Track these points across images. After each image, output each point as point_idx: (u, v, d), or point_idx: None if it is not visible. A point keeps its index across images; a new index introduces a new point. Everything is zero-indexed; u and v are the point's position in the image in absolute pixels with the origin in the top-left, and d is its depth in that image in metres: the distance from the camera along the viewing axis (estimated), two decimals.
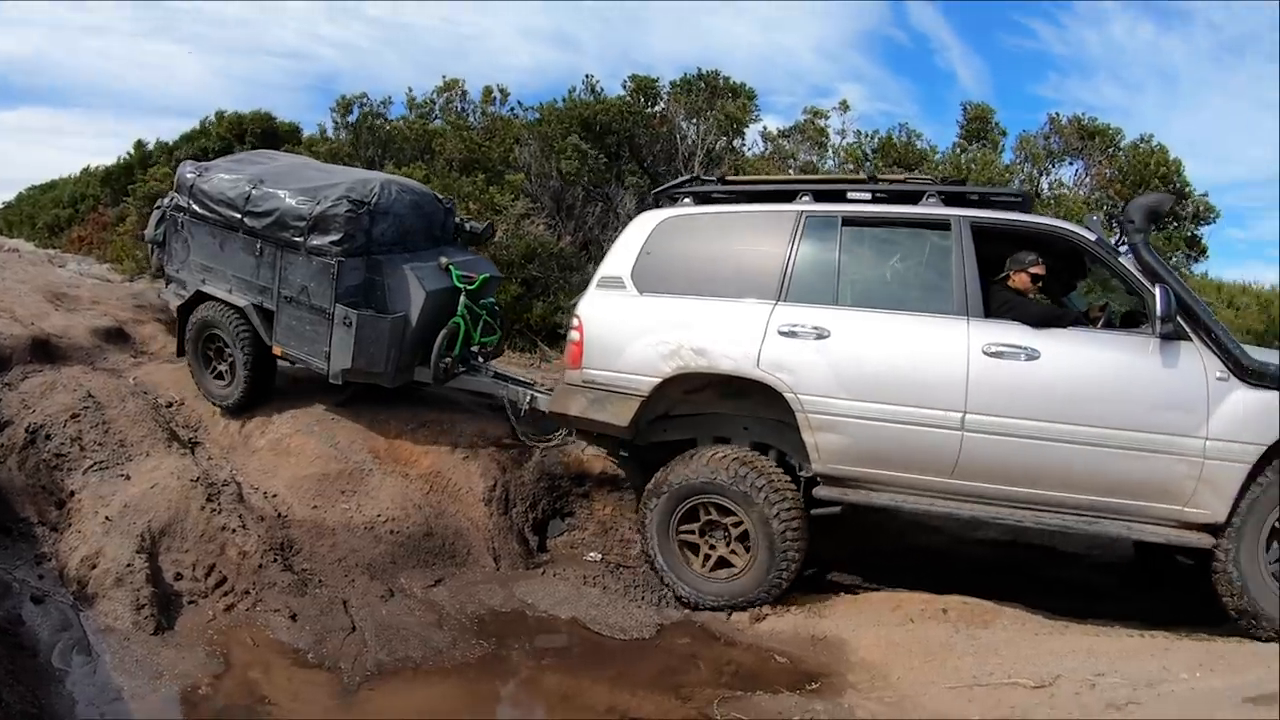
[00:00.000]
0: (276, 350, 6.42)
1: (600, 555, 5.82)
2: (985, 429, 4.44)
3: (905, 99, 38.60)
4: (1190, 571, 5.18)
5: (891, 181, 5.29)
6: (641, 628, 4.79)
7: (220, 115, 15.19)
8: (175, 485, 5.20)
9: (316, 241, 6.08)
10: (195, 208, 6.82)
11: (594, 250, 11.50)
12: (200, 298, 6.77)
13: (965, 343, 4.49)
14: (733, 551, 5.01)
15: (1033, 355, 4.41)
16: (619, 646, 4.61)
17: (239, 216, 6.48)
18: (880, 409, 4.58)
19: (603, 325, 5.19)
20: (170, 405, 6.63)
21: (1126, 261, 4.61)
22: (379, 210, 6.26)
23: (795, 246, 4.91)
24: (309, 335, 6.22)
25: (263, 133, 14.36)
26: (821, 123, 12.98)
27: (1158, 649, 4.18)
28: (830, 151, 12.56)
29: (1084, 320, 4.91)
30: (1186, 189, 11.78)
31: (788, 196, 5.19)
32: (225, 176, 6.74)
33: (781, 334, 4.75)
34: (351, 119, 12.60)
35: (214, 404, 6.72)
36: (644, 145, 12.80)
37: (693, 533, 5.07)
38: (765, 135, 13.43)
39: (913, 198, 4.98)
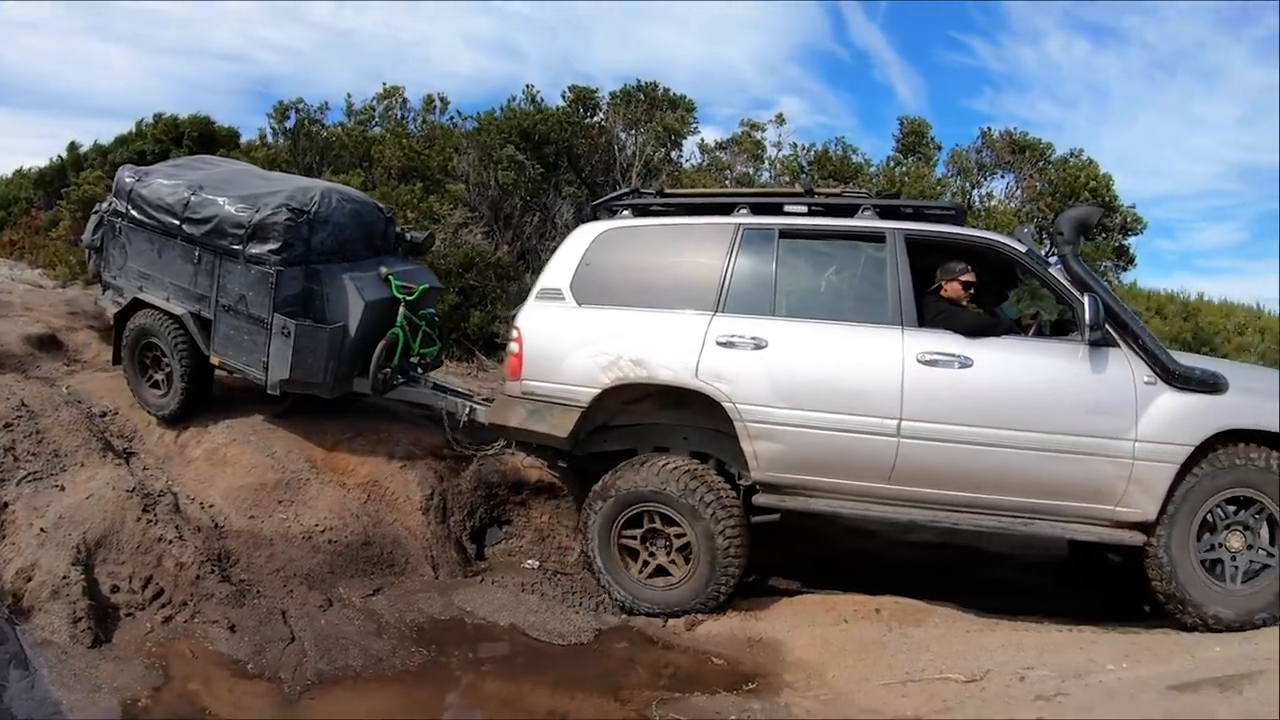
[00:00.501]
0: (214, 360, 6.44)
1: (538, 562, 5.98)
2: (921, 435, 4.68)
3: (844, 112, 40.21)
4: (1120, 568, 5.57)
5: (828, 195, 5.53)
6: (580, 633, 4.97)
7: (157, 118, 15.04)
8: (111, 496, 5.24)
9: (255, 250, 6.09)
10: (134, 213, 6.81)
11: (531, 260, 11.73)
12: (137, 305, 6.77)
13: (900, 351, 4.73)
14: (672, 561, 5.20)
15: (966, 363, 4.68)
16: (558, 652, 4.78)
17: (177, 223, 6.47)
18: (817, 417, 4.79)
19: (542, 337, 5.34)
20: (105, 414, 6.66)
21: (1056, 272, 4.91)
22: (319, 219, 6.30)
23: (733, 258, 5.12)
24: (247, 345, 6.23)
25: (200, 136, 14.26)
26: (758, 135, 13.42)
27: (1085, 642, 4.49)
28: (766, 164, 13.00)
29: (1016, 329, 5.21)
30: (1115, 201, 12.33)
31: (726, 209, 5.41)
32: (164, 182, 6.74)
33: (720, 344, 4.94)
34: (289, 125, 12.70)
35: (150, 413, 6.73)
36: (582, 156, 13.06)
37: (635, 539, 5.25)
38: (703, 147, 13.87)
39: (849, 211, 5.22)
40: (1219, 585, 4.59)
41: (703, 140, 13.90)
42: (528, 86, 13.63)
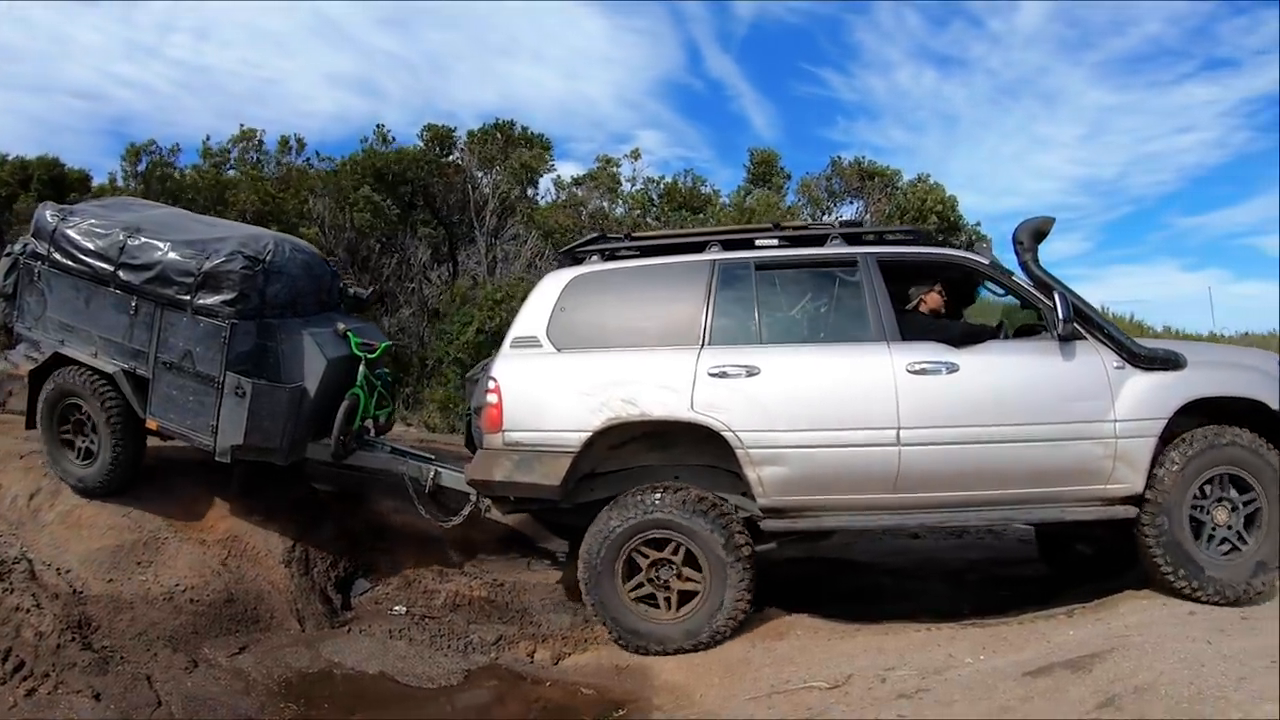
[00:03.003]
0: (151, 424, 6.48)
1: (405, 608, 6.49)
2: (919, 441, 5.34)
3: (701, 144, 42.74)
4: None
5: (795, 228, 6.24)
6: (449, 675, 5.63)
7: (2, 160, 15.36)
8: None
9: (206, 300, 6.23)
10: (57, 256, 6.82)
11: (390, 303, 12.56)
12: (58, 361, 6.73)
13: (890, 364, 5.42)
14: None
15: (953, 368, 5.41)
16: (428, 695, 5.41)
17: (111, 269, 6.52)
18: (819, 436, 5.39)
19: (522, 386, 5.77)
20: None
21: (1020, 279, 5.74)
22: (273, 269, 6.47)
23: (712, 293, 5.74)
24: (192, 406, 6.30)
25: (50, 180, 14.65)
26: (613, 170, 14.31)
27: (944, 639, 5.27)
28: (621, 198, 13.83)
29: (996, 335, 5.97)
30: (960, 221, 13.71)
31: (697, 248, 6.04)
32: (96, 223, 6.78)
33: (712, 375, 5.50)
34: (141, 168, 13.08)
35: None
36: (438, 195, 13.85)
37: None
38: (558, 183, 14.71)
39: (818, 240, 5.96)
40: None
41: (558, 176, 14.88)
42: (379, 126, 14.49)
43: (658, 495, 5.62)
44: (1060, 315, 5.41)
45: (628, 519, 5.60)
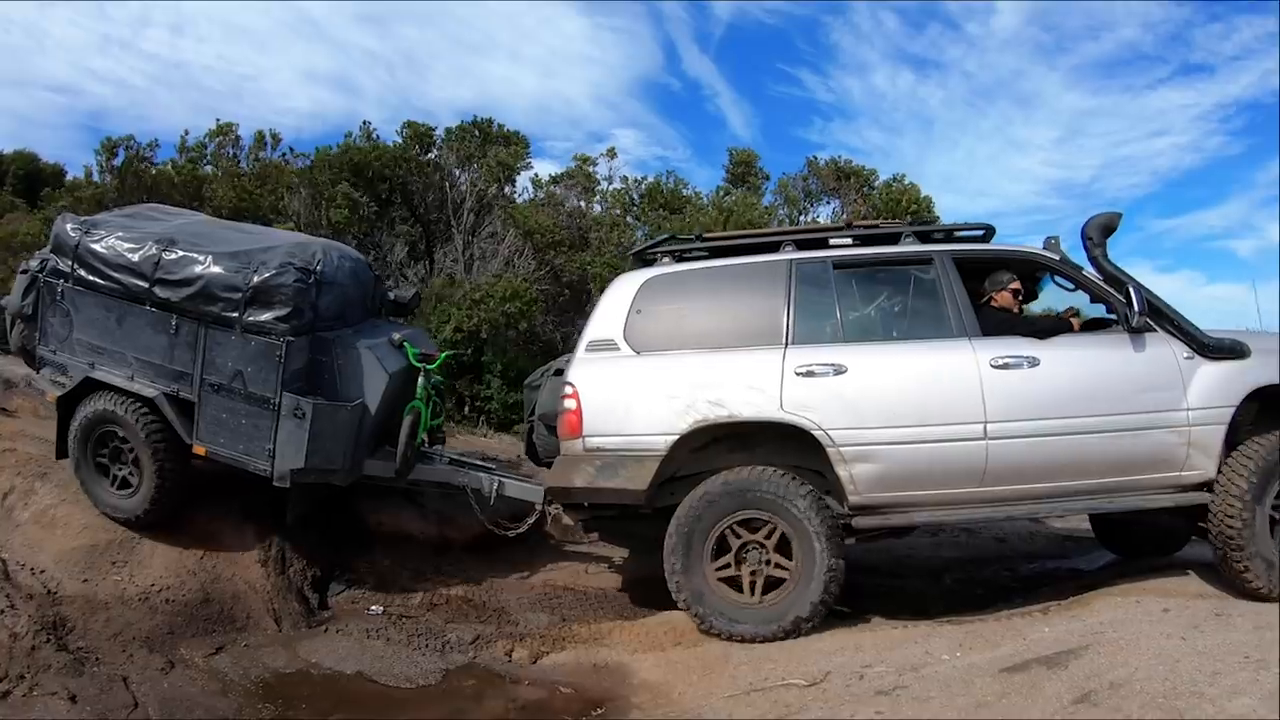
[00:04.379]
0: (199, 450, 6.17)
1: (382, 608, 6.48)
2: (1006, 434, 5.41)
3: (679, 144, 43.45)
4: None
5: (867, 227, 6.26)
6: (427, 675, 5.61)
7: None
8: None
9: (257, 317, 5.92)
10: (82, 273, 6.40)
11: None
12: (90, 386, 6.38)
13: (974, 359, 5.49)
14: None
15: (1034, 362, 5.49)
16: (406, 695, 5.38)
17: (145, 286, 6.13)
18: (909, 432, 5.45)
19: (602, 389, 5.75)
20: None
21: (1090, 273, 5.83)
22: (324, 280, 6.16)
23: (792, 293, 5.76)
24: (245, 430, 6.02)
25: (25, 174, 14.59)
26: (590, 169, 14.41)
27: (920, 636, 5.31)
28: (598, 196, 13.95)
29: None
30: (936, 221, 13.68)
31: (771, 248, 6.05)
32: (124, 236, 6.35)
33: (799, 374, 5.52)
34: (117, 162, 12.91)
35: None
36: (416, 193, 13.82)
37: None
38: (535, 182, 14.78)
39: (889, 239, 6.02)
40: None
41: (535, 175, 14.95)
42: (364, 123, 14.58)
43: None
44: (1136, 308, 5.50)
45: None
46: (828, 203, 14.73)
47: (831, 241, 6.09)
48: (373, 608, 6.54)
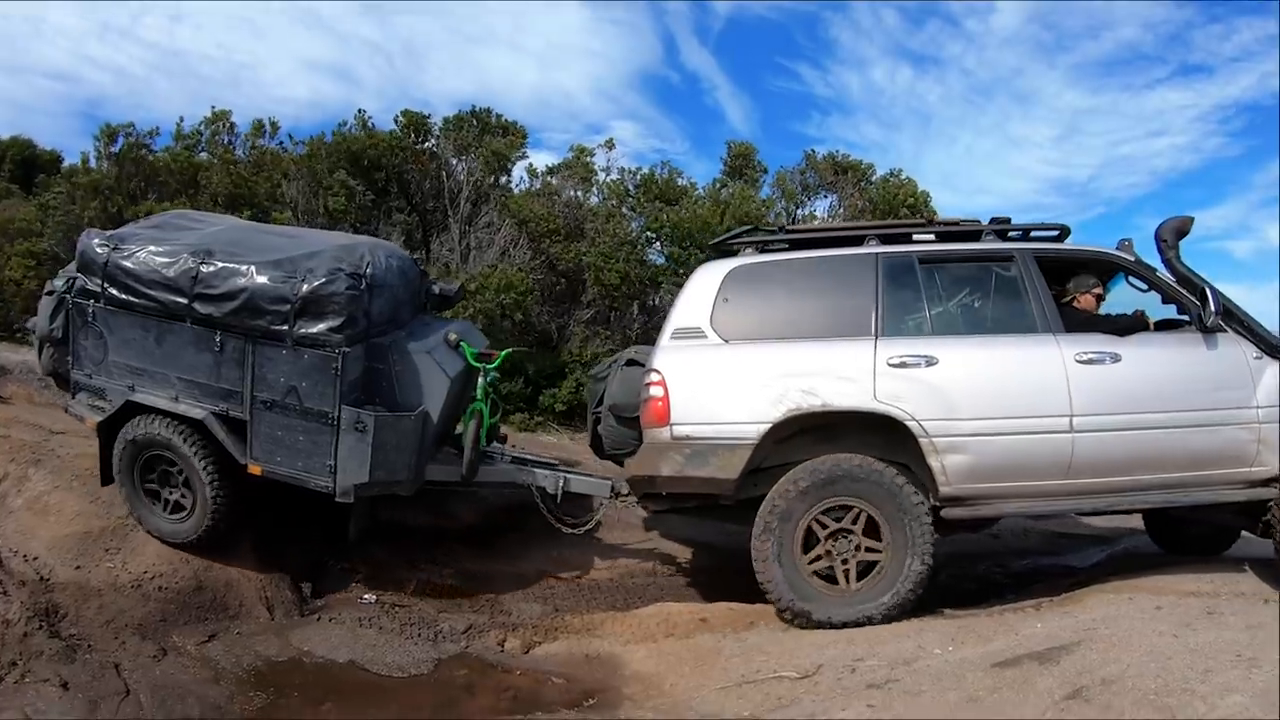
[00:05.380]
0: (254, 469, 5.94)
1: (375, 596, 6.45)
2: (1090, 428, 5.48)
3: (677, 136, 43.53)
4: None
5: (947, 223, 6.30)
6: (419, 664, 5.60)
7: None
8: None
9: (309, 329, 5.65)
10: (114, 292, 6.03)
11: None
12: (131, 409, 6.09)
13: (1059, 354, 5.56)
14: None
15: (1116, 358, 5.57)
16: (398, 684, 5.39)
17: (185, 302, 5.81)
18: (1000, 424, 5.50)
19: (690, 377, 5.72)
20: None
21: (1164, 274, 5.90)
22: (376, 284, 5.89)
23: (880, 285, 5.78)
24: (303, 446, 5.80)
25: (22, 160, 14.53)
26: (587, 160, 14.25)
27: (912, 630, 5.31)
28: (595, 188, 13.89)
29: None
30: (933, 217, 13.68)
31: (851, 242, 6.08)
32: (156, 250, 5.98)
33: (892, 366, 5.54)
34: (115, 149, 12.77)
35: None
36: (412, 182, 13.73)
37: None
38: (531, 172, 14.65)
39: (970, 236, 6.10)
40: None
41: (531, 165, 14.81)
42: (360, 111, 14.32)
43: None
44: (1212, 309, 5.58)
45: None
46: (825, 196, 14.68)
47: (914, 236, 6.16)
48: (365, 596, 6.51)
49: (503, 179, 14.10)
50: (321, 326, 5.65)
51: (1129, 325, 5.86)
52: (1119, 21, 39.64)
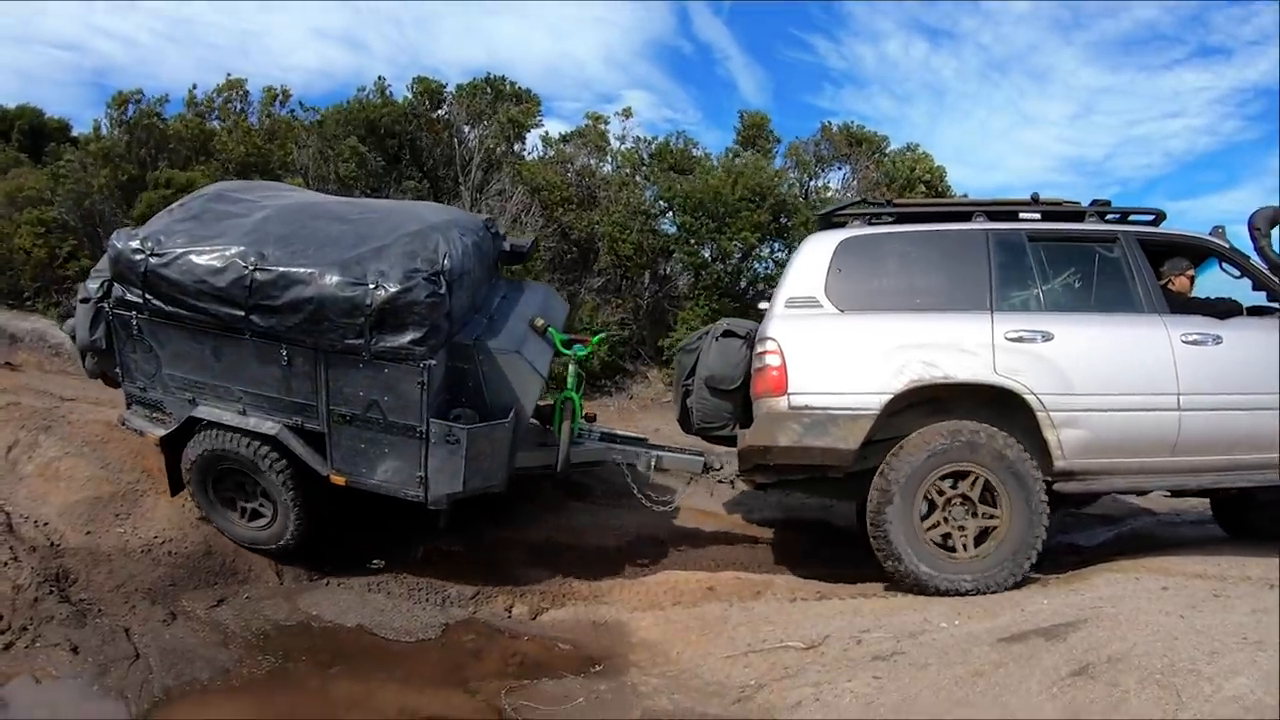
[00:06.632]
0: (337, 479, 5.63)
1: (384, 562, 6.44)
2: (1195, 407, 5.56)
3: (689, 106, 43.23)
4: None
5: (1051, 203, 6.29)
6: (427, 629, 5.63)
7: None
8: None
9: (389, 343, 5.20)
10: (158, 304, 5.47)
11: None
12: (194, 423, 5.73)
13: (1166, 335, 5.63)
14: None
15: (1218, 340, 5.65)
16: (406, 649, 5.40)
17: (242, 314, 5.30)
18: (1114, 400, 5.56)
19: (808, 347, 5.71)
20: None
21: (1256, 263, 6.00)
22: (454, 276, 5.37)
23: (991, 261, 5.83)
24: (389, 459, 5.51)
25: (30, 129, 14.49)
26: (602, 128, 14.26)
27: (919, 604, 5.33)
28: (609, 156, 13.82)
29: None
30: (948, 192, 13.71)
31: (959, 217, 6.12)
32: (199, 254, 5.36)
33: (1009, 339, 5.58)
34: (128, 116, 12.70)
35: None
36: (425, 149, 13.66)
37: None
38: (545, 140, 14.62)
39: (1073, 216, 6.16)
40: None
41: (546, 133, 14.79)
42: (379, 78, 14.28)
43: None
44: None
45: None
46: (839, 168, 14.57)
47: (1021, 215, 6.16)
48: (374, 561, 6.50)
49: (516, 146, 14.05)
50: (403, 340, 5.20)
51: (1227, 309, 5.90)
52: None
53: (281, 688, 4.93)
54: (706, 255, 12.29)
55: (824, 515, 7.44)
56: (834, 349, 5.74)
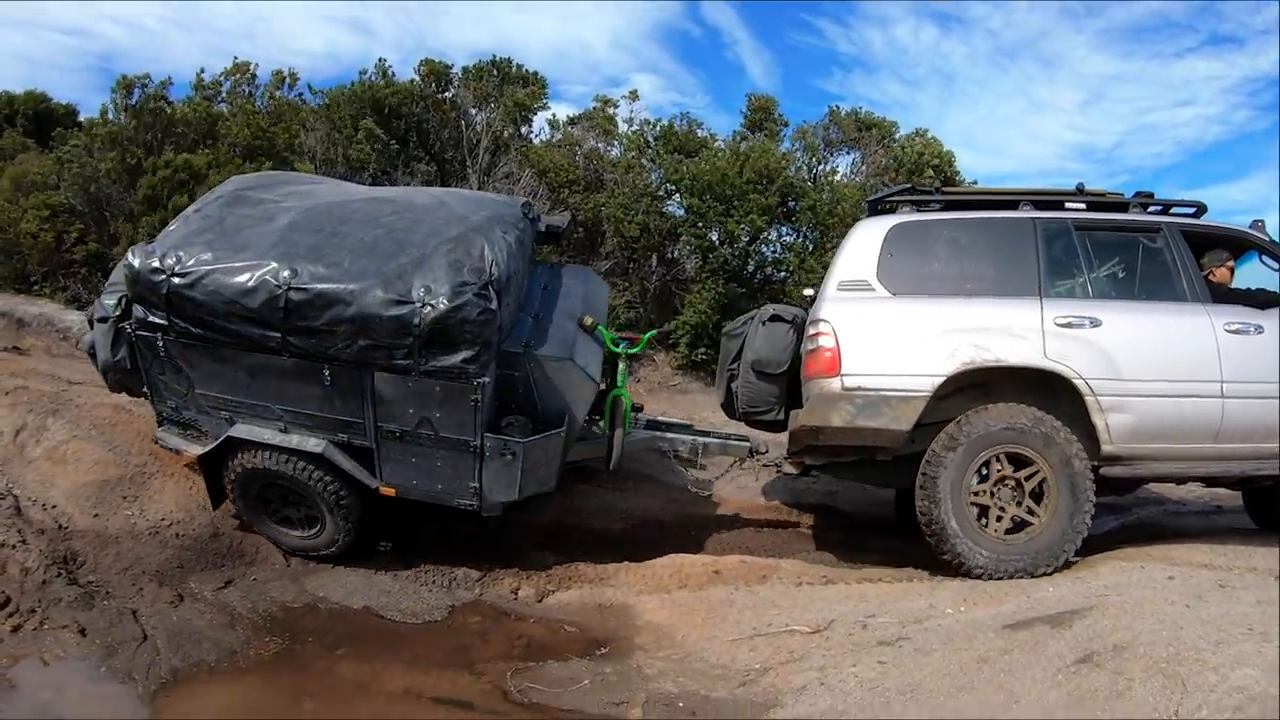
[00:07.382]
0: (387, 491, 5.56)
1: (390, 544, 6.45)
2: (1238, 394, 5.62)
3: (697, 90, 43.28)
4: None
5: (1095, 194, 6.34)
6: (433, 611, 5.64)
7: None
8: None
9: (441, 363, 5.00)
10: (184, 325, 5.18)
11: None
12: (232, 440, 5.54)
13: (1210, 323, 5.70)
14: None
15: (1260, 329, 5.72)
16: (412, 630, 5.40)
17: (278, 335, 5.06)
18: (1160, 386, 5.62)
19: (862, 329, 5.77)
20: None
21: None
22: (502, 285, 5.14)
23: (1039, 248, 5.89)
24: (441, 471, 5.41)
25: (36, 114, 14.46)
26: (610, 111, 14.18)
27: (925, 589, 5.34)
28: (616, 139, 13.72)
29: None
30: (957, 177, 13.69)
31: (1005, 205, 6.19)
32: (225, 270, 5.05)
33: (1059, 325, 5.64)
34: (133, 101, 12.63)
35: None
36: (431, 131, 13.62)
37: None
38: (552, 123, 14.53)
39: (1116, 207, 6.22)
40: None
41: (553, 116, 14.72)
42: (380, 60, 14.42)
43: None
44: None
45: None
46: (848, 153, 14.46)
47: (1067, 205, 6.23)
48: (381, 543, 6.51)
49: (523, 129, 14.04)
50: (455, 359, 4.99)
51: (1267, 300, 5.94)
52: None
53: (288, 669, 4.93)
54: (714, 238, 12.22)
55: (829, 501, 7.42)
56: (886, 332, 5.79)
